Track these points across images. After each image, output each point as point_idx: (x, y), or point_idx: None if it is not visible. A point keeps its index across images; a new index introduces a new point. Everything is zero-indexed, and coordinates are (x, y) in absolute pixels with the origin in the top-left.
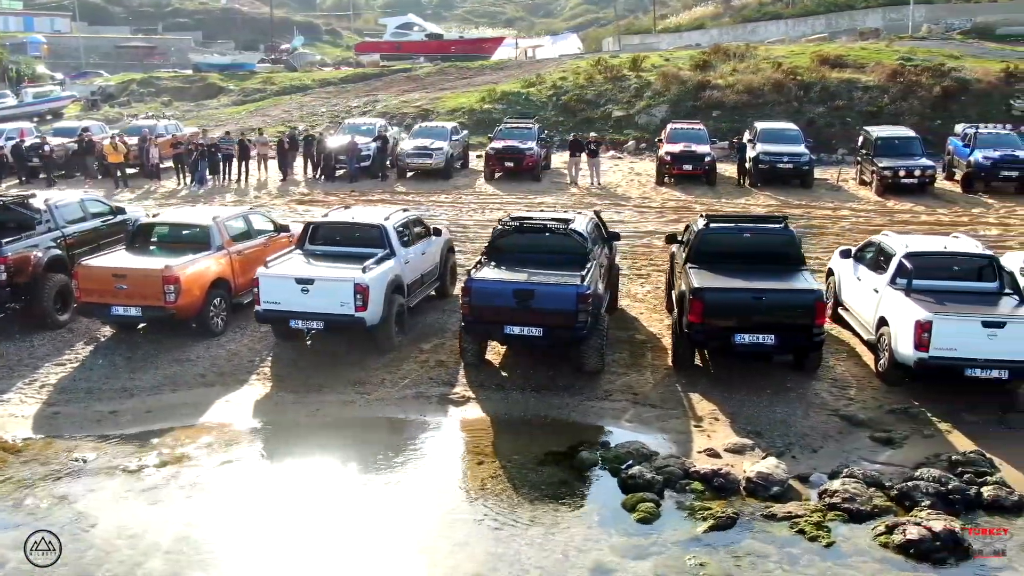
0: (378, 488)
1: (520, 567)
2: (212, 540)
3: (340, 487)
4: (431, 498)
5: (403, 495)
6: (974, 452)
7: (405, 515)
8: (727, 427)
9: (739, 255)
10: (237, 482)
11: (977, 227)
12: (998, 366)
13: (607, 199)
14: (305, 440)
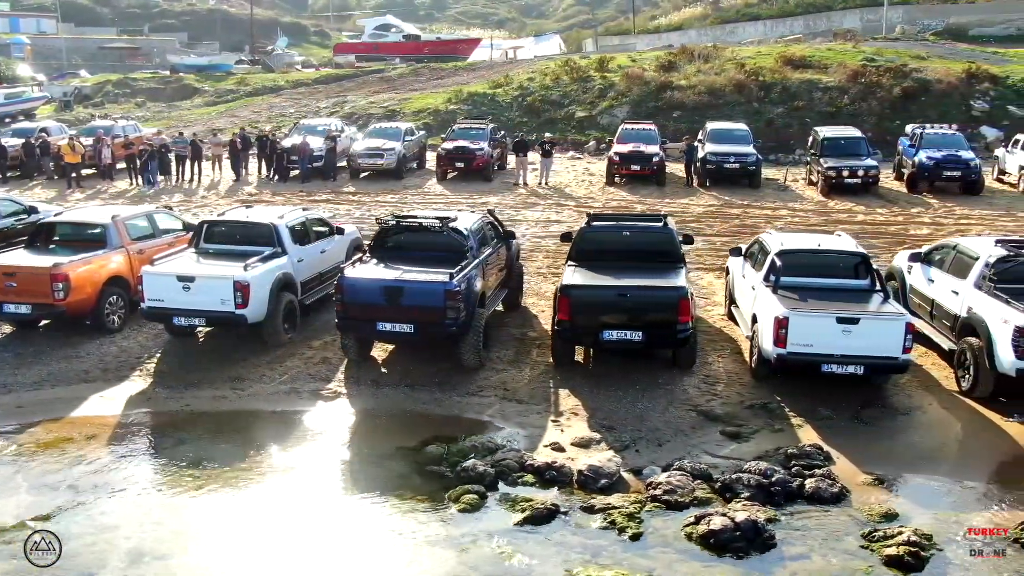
0: (212, 479)
1: (327, 554)
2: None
3: (176, 477)
4: (263, 489)
5: (236, 486)
6: (812, 446)
7: (230, 506)
8: (584, 422)
9: (619, 253)
10: (89, 474)
11: (910, 226)
12: (854, 362)
13: (551, 199)
14: (162, 433)
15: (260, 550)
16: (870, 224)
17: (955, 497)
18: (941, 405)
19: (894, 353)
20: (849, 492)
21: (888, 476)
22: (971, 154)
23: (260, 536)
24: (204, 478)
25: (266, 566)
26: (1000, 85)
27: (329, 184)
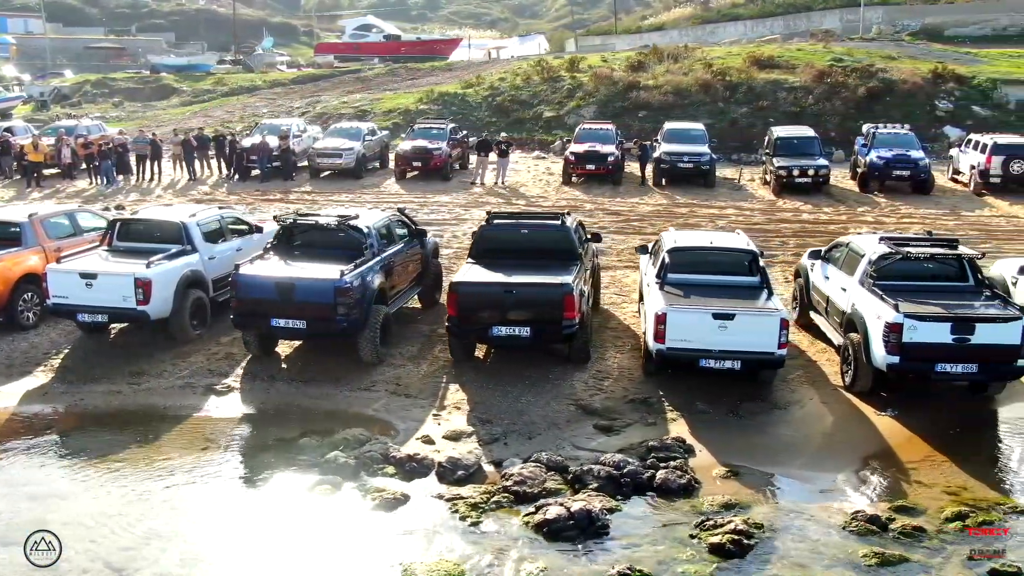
0: (80, 469)
1: (168, 541)
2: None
3: (44, 466)
4: (129, 480)
5: (104, 477)
6: (675, 439)
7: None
8: (464, 416)
9: (517, 251)
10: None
11: (851, 225)
12: (731, 357)
13: (504, 198)
14: (47, 428)
15: (108, 537)
16: (813, 223)
17: (803, 488)
18: (821, 400)
19: (770, 348)
20: (700, 484)
21: (744, 468)
22: (921, 154)
23: (111, 524)
24: (76, 469)
25: (109, 552)
26: (965, 85)
27: (287, 183)
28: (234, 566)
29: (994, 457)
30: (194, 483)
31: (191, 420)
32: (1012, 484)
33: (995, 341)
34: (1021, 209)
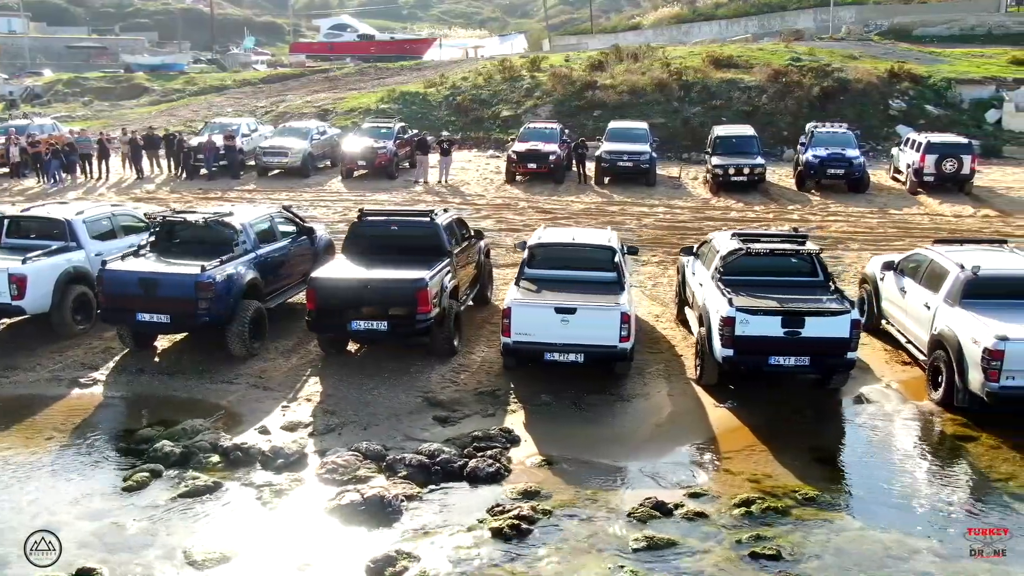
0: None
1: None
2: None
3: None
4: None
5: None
6: (501, 430)
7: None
8: (311, 407)
9: (387, 247)
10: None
11: (775, 223)
12: (574, 350)
13: (441, 197)
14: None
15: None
16: (739, 221)
17: (610, 476)
18: (668, 393)
19: (611, 342)
20: (509, 472)
21: (562, 458)
22: (856, 153)
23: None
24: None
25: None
26: (920, 85)
27: (232, 182)
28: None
29: (813, 448)
30: (15, 471)
31: (47, 411)
32: (816, 473)
33: (825, 334)
34: (949, 207)
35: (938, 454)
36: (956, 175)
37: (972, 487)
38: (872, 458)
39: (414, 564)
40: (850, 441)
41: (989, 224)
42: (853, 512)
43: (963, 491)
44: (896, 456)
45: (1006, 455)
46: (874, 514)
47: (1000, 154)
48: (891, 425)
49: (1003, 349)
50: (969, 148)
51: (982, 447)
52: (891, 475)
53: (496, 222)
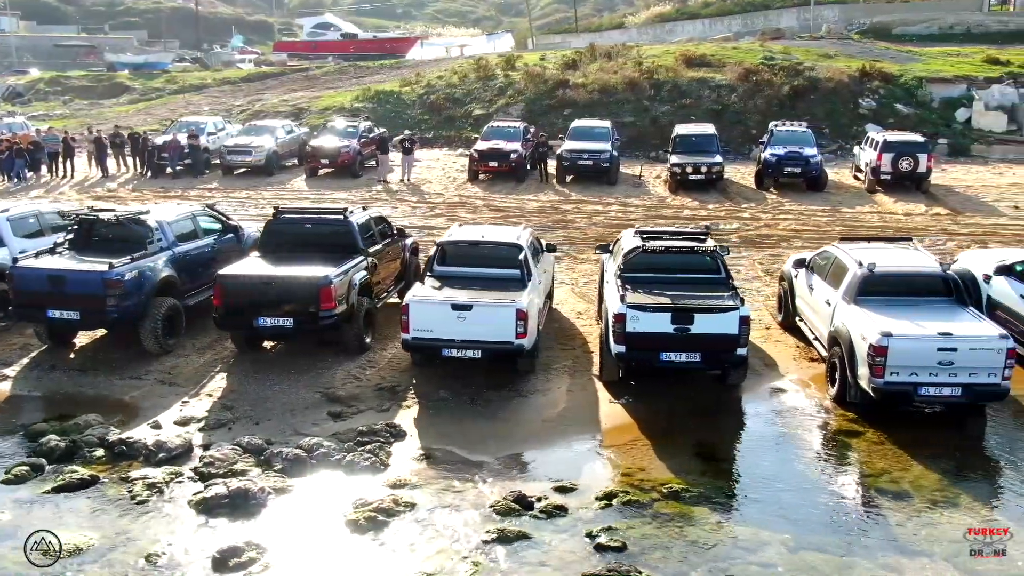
0: None
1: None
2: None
3: None
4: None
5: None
6: (387, 425)
7: None
8: (210, 402)
9: (302, 244)
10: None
11: (723, 221)
12: (472, 347)
13: (400, 195)
14: None
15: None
16: (691, 220)
17: (486, 470)
18: (568, 389)
19: (508, 338)
20: (388, 466)
21: (444, 452)
22: (814, 151)
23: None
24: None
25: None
26: (891, 84)
27: (195, 180)
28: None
29: (698, 443)
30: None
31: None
32: (692, 467)
33: (714, 331)
34: (903, 206)
35: (818, 450)
36: (913, 173)
37: (842, 482)
38: (753, 454)
39: (261, 555)
40: (736, 437)
41: (937, 222)
42: (716, 506)
43: (832, 486)
44: (777, 452)
45: (885, 451)
46: (736, 508)
47: (968, 153)
48: (782, 421)
49: (886, 345)
50: (925, 147)
51: (865, 443)
52: (766, 470)
53: (447, 220)
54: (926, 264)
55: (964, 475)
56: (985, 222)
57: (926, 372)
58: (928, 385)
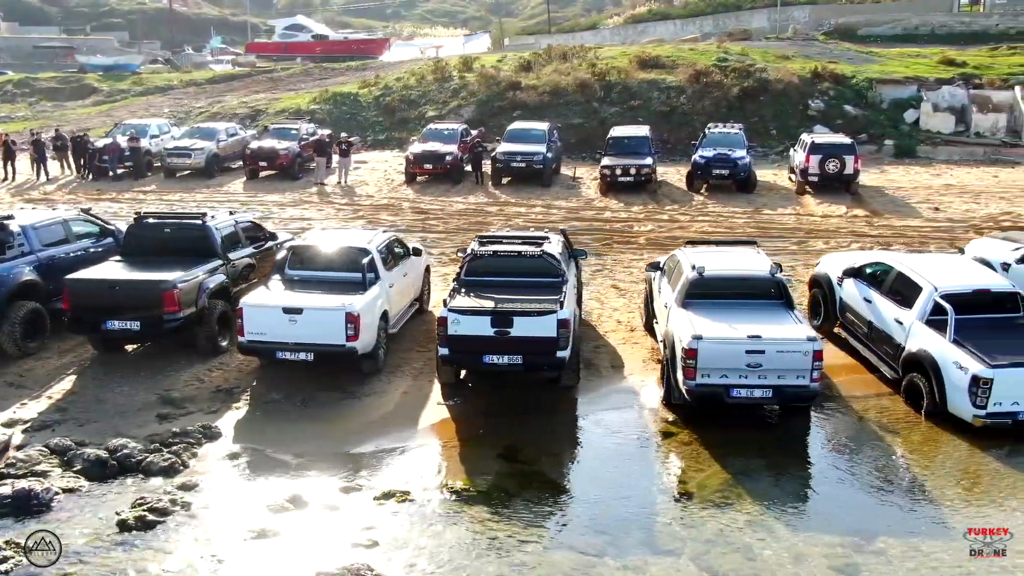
0: None
1: None
2: None
3: None
4: None
5: None
6: (202, 426)
7: None
8: (47, 404)
9: (161, 249)
10: None
11: (635, 224)
12: (304, 349)
13: (331, 198)
14: None
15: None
16: (608, 221)
17: (281, 470)
18: (405, 391)
19: (338, 341)
20: (187, 466)
21: (250, 453)
22: (742, 153)
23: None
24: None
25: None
26: (842, 85)
27: (134, 183)
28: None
29: (510, 445)
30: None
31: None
32: (487, 468)
33: (533, 334)
34: (825, 208)
35: (625, 451)
36: (840, 175)
37: (630, 484)
38: (557, 455)
39: (18, 554)
40: (549, 439)
41: (852, 224)
42: (491, 506)
43: (618, 487)
44: (582, 452)
45: (689, 452)
46: (507, 508)
47: (914, 154)
48: (604, 423)
49: (696, 348)
50: (852, 148)
51: (675, 444)
52: (560, 471)
53: (367, 223)
54: (755, 268)
55: (751, 476)
56: (899, 224)
57: (736, 374)
58: (739, 387)
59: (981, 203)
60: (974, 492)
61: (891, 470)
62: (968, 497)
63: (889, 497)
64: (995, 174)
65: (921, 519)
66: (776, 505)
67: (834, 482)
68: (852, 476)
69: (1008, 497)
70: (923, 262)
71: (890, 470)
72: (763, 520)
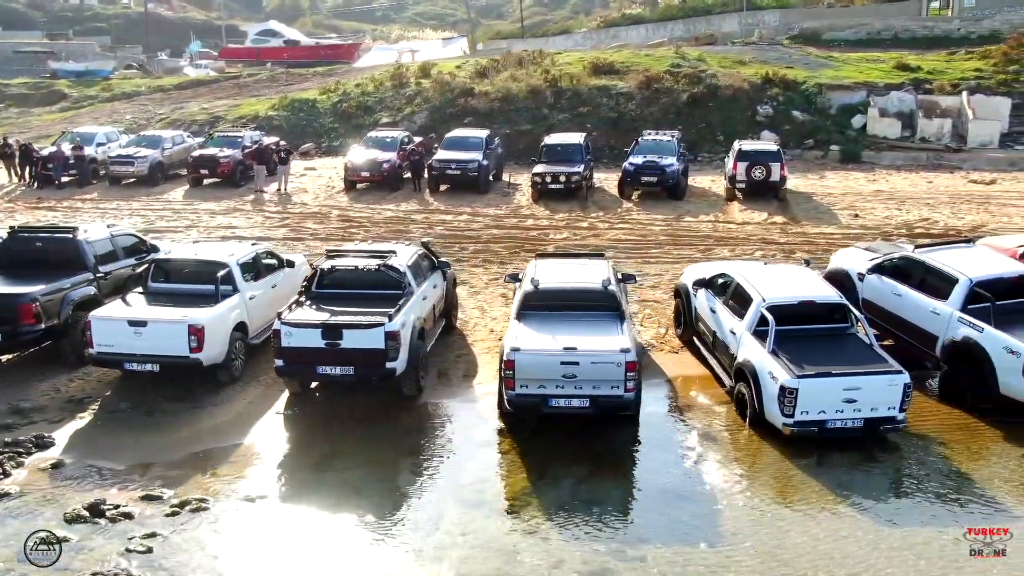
0: None
1: None
2: None
3: None
4: None
5: None
6: (35, 435)
7: None
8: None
9: (34, 262)
10: None
11: (552, 232)
12: (151, 360)
13: (267, 205)
14: None
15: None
16: (526, 228)
17: (99, 478)
18: (251, 401)
19: (182, 352)
20: (9, 475)
21: (77, 462)
22: (672, 160)
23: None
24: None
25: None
26: (791, 91)
27: (77, 191)
28: None
29: (327, 454)
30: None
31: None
32: (294, 478)
33: (363, 345)
34: (747, 215)
35: (441, 459)
36: (766, 182)
37: (430, 490)
38: (371, 463)
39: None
40: (371, 449)
41: (766, 231)
42: (284, 512)
43: (417, 493)
44: (399, 461)
45: (505, 460)
46: (300, 514)
47: (859, 159)
48: (433, 432)
49: (513, 359)
50: (778, 156)
51: (494, 452)
52: (369, 479)
53: (290, 231)
54: (589, 280)
55: (555, 484)
56: (813, 231)
57: (553, 385)
58: (557, 397)
59: (903, 210)
60: (766, 501)
61: (692, 479)
62: (762, 507)
63: (680, 504)
64: (930, 180)
65: (694, 528)
66: (560, 513)
67: (629, 490)
68: (650, 484)
69: (792, 504)
70: (760, 274)
71: (691, 479)
72: (540, 527)
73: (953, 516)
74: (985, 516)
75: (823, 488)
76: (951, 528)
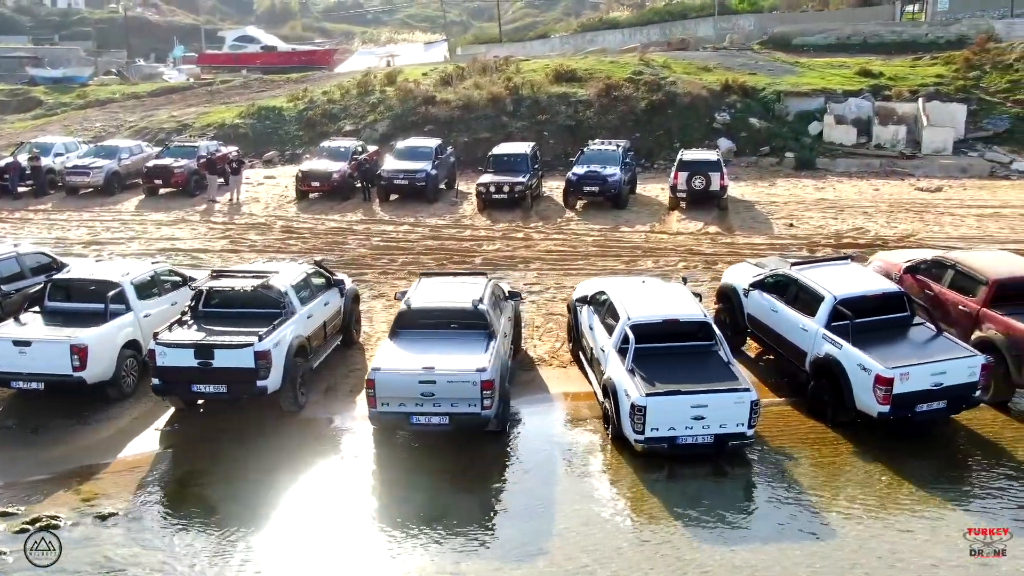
0: None
1: None
2: None
3: None
4: None
5: None
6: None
7: None
8: None
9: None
10: None
11: (487, 243)
12: (35, 379)
13: (214, 215)
14: None
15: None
16: (461, 240)
17: None
18: (137, 416)
19: (65, 371)
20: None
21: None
22: (614, 170)
23: None
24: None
25: None
26: (750, 97)
27: (33, 201)
28: None
29: (193, 470)
30: None
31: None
32: (155, 494)
33: (234, 364)
34: (683, 225)
35: (305, 473)
36: (706, 191)
37: (281, 505)
38: (236, 480)
39: None
40: (239, 464)
41: (697, 242)
42: (132, 530)
43: (264, 509)
44: (261, 477)
45: (364, 475)
46: (151, 531)
47: (813, 166)
48: (303, 447)
49: (374, 379)
50: (717, 166)
51: (356, 467)
52: (226, 494)
53: (230, 242)
54: (461, 300)
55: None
56: (743, 241)
57: (412, 403)
58: (417, 414)
59: (839, 219)
60: (604, 515)
61: (532, 495)
62: (599, 521)
63: (511, 522)
64: (878, 187)
65: (522, 544)
66: (407, 527)
67: (472, 506)
68: (489, 501)
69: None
70: (633, 292)
71: (531, 495)
72: (378, 539)
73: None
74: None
75: (666, 501)
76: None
